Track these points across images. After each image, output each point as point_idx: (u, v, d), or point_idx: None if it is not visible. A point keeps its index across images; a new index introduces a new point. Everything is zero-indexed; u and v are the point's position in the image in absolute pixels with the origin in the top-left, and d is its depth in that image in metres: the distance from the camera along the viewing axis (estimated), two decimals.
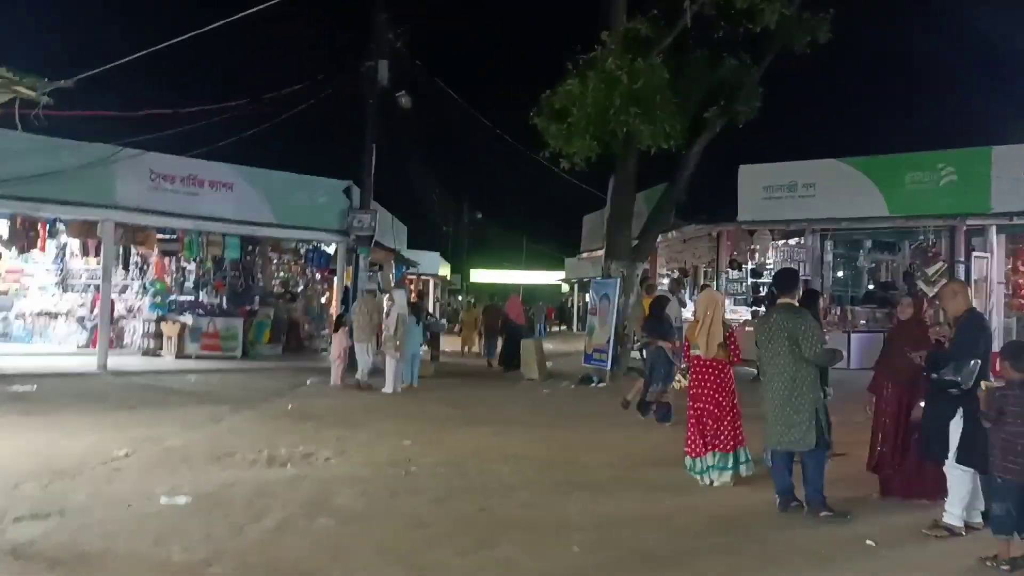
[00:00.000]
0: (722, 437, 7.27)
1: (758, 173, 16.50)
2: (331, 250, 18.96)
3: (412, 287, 28.21)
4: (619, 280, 15.76)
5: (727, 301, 17.74)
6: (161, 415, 10.66)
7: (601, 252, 23.98)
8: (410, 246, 30.48)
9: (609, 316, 15.75)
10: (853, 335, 16.37)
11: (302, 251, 19.81)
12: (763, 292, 17.48)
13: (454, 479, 7.35)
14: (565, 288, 50.78)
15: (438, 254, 39.81)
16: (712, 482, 7.25)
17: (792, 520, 6.22)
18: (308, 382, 14.98)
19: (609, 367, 15.51)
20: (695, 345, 7.49)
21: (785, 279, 6.95)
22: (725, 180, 16.74)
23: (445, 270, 42.76)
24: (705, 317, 7.38)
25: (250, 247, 19.24)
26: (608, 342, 15.64)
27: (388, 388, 13.99)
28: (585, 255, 25.96)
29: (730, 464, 7.26)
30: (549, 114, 15.35)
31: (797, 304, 6.75)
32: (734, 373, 7.51)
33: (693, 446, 7.41)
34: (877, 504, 6.73)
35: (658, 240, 17.50)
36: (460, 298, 41.80)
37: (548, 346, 21.22)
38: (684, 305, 17.41)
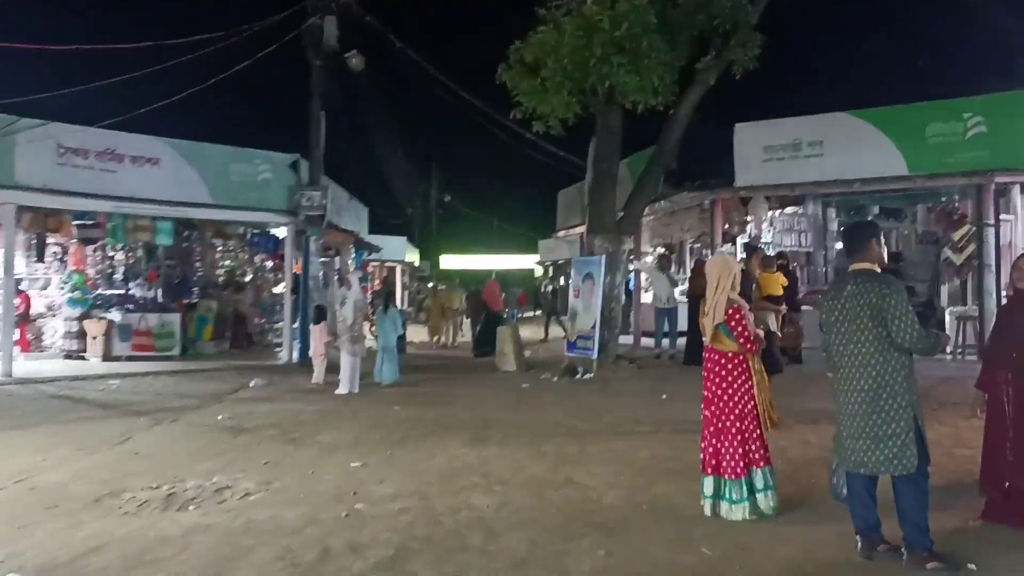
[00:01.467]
0: (727, 459, 5.44)
1: (757, 132, 14.64)
2: (281, 233, 16.88)
3: (376, 274, 26.18)
4: (604, 257, 13.91)
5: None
6: (59, 434, 8.67)
7: (578, 230, 22.14)
8: (373, 231, 28.43)
9: (594, 298, 13.90)
10: None
11: (247, 235, 17.64)
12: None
13: (415, 522, 5.42)
14: (539, 271, 48.97)
15: (404, 239, 37.69)
16: (721, 513, 5.44)
17: (886, 572, 4.43)
18: (252, 384, 13.02)
19: (596, 355, 13.68)
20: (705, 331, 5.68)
21: (859, 235, 5.03)
22: (719, 142, 14.88)
23: (413, 256, 40.62)
24: (715, 292, 5.55)
25: (186, 232, 17.09)
26: (594, 327, 13.81)
27: (343, 388, 12.16)
28: (562, 233, 24.00)
29: (744, 494, 5.38)
30: (520, 68, 13.44)
31: (879, 270, 4.90)
32: (754, 368, 5.58)
33: (702, 462, 5.63)
34: (983, 535, 4.96)
35: (644, 212, 15.58)
36: (430, 285, 39.84)
37: (524, 333, 19.40)
38: (675, 284, 15.66)
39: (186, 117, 15.46)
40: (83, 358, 15.46)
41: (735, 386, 5.47)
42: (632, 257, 16.42)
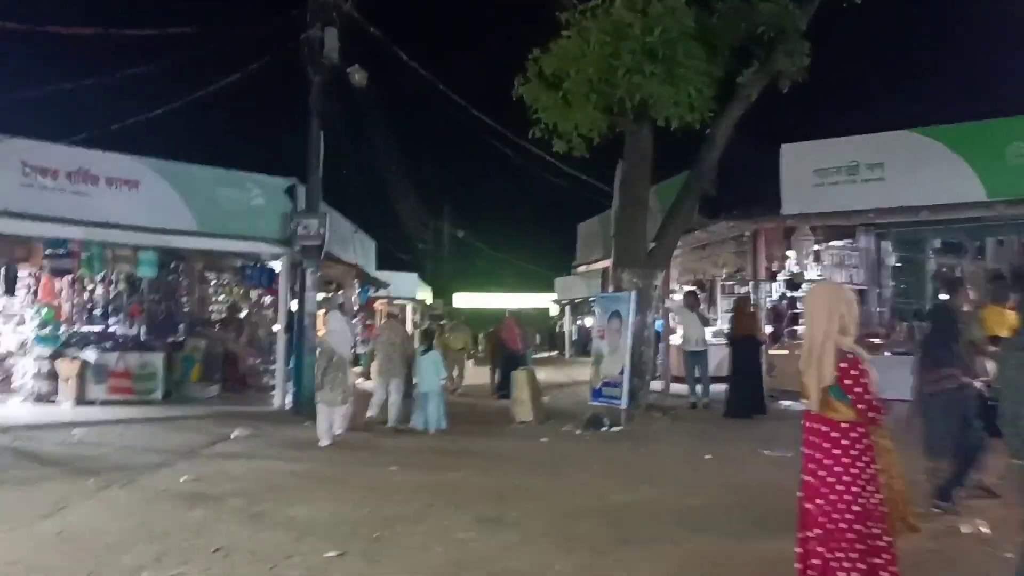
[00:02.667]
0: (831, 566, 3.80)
1: (807, 153, 13.08)
2: (277, 266, 15.39)
3: (383, 310, 24.65)
4: (633, 293, 12.33)
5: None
6: None
7: (600, 264, 20.58)
8: (381, 266, 27.01)
9: (622, 339, 12.30)
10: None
11: (238, 267, 16.16)
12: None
13: None
14: (555, 310, 47.37)
15: (415, 276, 36.23)
16: None
17: None
18: (234, 435, 11.43)
19: (624, 405, 12.04)
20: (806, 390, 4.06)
21: None
22: (762, 165, 13.33)
23: (424, 294, 39.11)
24: (819, 336, 3.93)
25: (173, 264, 15.64)
26: (622, 373, 12.18)
27: (325, 440, 10.71)
28: (581, 269, 22.38)
29: None
30: (539, 82, 12.02)
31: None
32: (880, 445, 3.89)
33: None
34: None
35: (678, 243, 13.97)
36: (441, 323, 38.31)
37: (541, 376, 17.78)
38: (707, 323, 13.95)
39: (170, 136, 14.18)
40: (53, 402, 13.92)
41: (853, 471, 3.83)
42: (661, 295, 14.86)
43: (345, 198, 21.34)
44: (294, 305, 14.56)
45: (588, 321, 41.77)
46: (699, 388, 13.56)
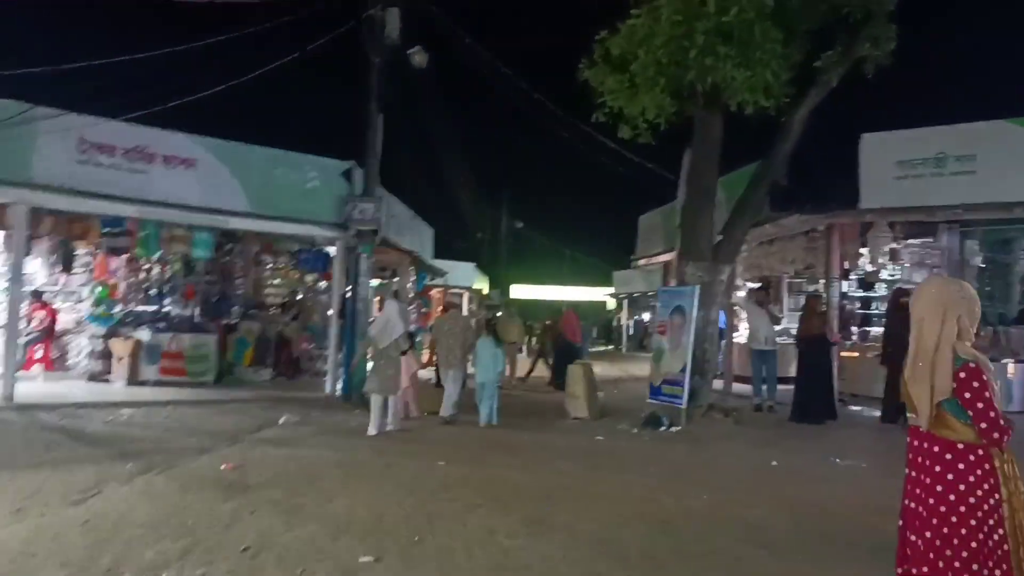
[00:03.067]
0: None
1: (889, 144, 12.26)
2: (333, 250, 15.15)
3: (440, 299, 24.40)
4: (697, 288, 11.72)
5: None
6: (15, 482, 6.92)
7: (661, 258, 19.94)
8: (438, 254, 26.74)
9: (684, 336, 11.71)
10: (1014, 365, 12.11)
11: (294, 250, 15.99)
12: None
13: None
14: (612, 304, 46.70)
15: (473, 265, 35.92)
16: None
17: None
18: (281, 421, 11.24)
19: (684, 405, 11.45)
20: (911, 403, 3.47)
21: None
22: (839, 156, 12.56)
23: (481, 283, 38.79)
24: (932, 342, 3.34)
25: (228, 245, 15.53)
26: (683, 371, 11.59)
27: (372, 429, 10.41)
28: (642, 262, 21.71)
29: None
30: (605, 65, 11.48)
31: None
32: (1004, 472, 3.33)
33: None
34: None
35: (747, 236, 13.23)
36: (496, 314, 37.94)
37: (595, 369, 17.27)
38: (777, 321, 13.22)
39: (226, 116, 13.97)
40: (107, 381, 13.93)
41: (970, 501, 3.23)
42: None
43: (403, 184, 21.06)
44: (350, 291, 14.29)
45: (646, 316, 41.10)
46: (765, 389, 12.88)
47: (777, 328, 12.93)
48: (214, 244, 14.26)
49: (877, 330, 14.37)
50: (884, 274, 14.50)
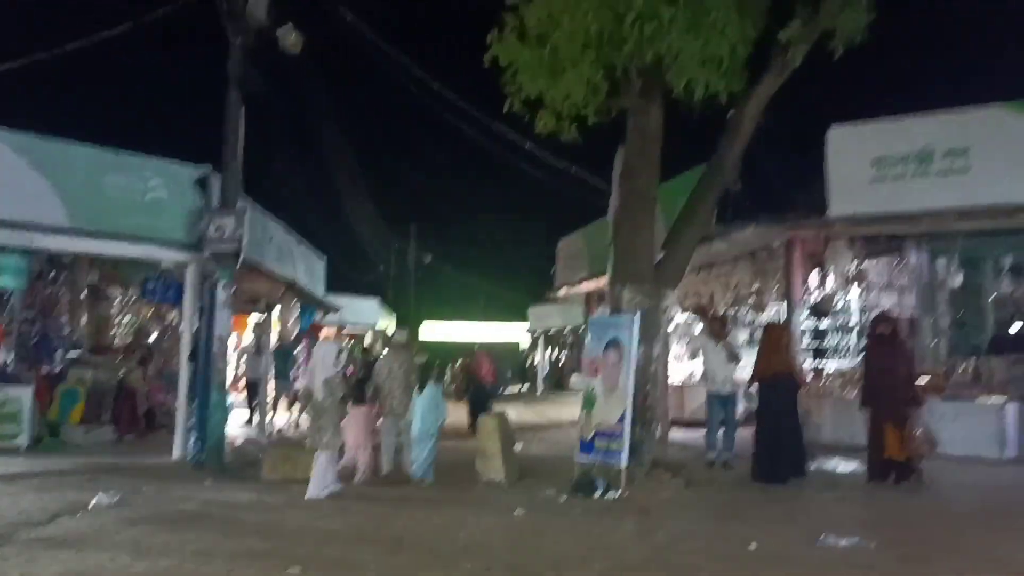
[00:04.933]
0: None
1: (863, 138, 10.25)
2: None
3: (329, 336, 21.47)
4: (636, 315, 9.38)
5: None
6: None
7: (584, 286, 17.65)
8: (336, 288, 23.95)
9: (622, 376, 9.33)
10: (1011, 405, 10.19)
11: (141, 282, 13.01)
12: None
13: None
14: (526, 342, 44.33)
15: (377, 301, 33.13)
16: None
17: None
18: (92, 504, 8.32)
19: (624, 464, 9.04)
20: None
21: None
22: (802, 155, 10.48)
23: (387, 321, 35.87)
24: None
25: (52, 272, 12.45)
26: (622, 419, 9.20)
27: (312, 491, 8.97)
28: (562, 292, 19.32)
29: None
30: (520, 38, 9.18)
31: None
32: None
33: None
34: None
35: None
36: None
37: (510, 414, 14.82)
38: (737, 359, 10.80)
39: (40, 105, 11.01)
40: None
41: None
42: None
43: (288, 206, 18.40)
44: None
45: (565, 354, 38.93)
46: (719, 440, 10.55)
47: (737, 365, 10.48)
48: (28, 271, 11.20)
49: (833, 365, 12.45)
50: (839, 299, 12.52)
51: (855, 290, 11.90)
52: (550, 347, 39.72)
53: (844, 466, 10.30)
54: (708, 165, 10.29)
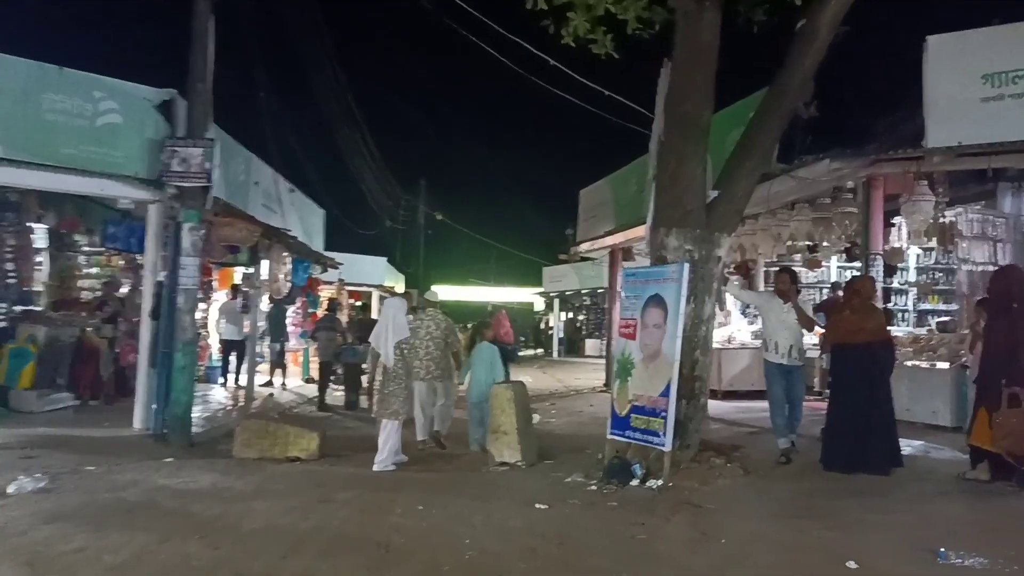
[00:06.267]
0: None
1: (969, 50, 8.28)
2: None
3: (340, 298, 19.86)
4: (686, 267, 7.62)
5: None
6: None
7: (609, 240, 15.85)
8: (341, 248, 22.28)
9: (667, 339, 7.59)
10: None
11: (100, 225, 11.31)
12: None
13: None
14: (540, 304, 42.72)
15: (384, 260, 31.39)
16: None
17: None
18: (12, 488, 6.74)
19: (668, 446, 7.35)
20: None
21: None
22: (890, 73, 8.59)
23: (395, 281, 34.16)
24: None
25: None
26: (665, 393, 7.48)
27: (381, 463, 8.39)
28: (584, 247, 17.39)
29: None
30: None
31: None
32: None
33: None
34: None
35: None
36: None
37: (525, 378, 13.25)
38: (810, 324, 8.75)
39: None
40: None
41: None
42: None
43: (292, 161, 16.75)
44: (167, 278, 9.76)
45: (582, 318, 37.30)
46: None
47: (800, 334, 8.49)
48: None
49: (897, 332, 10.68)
50: (912, 254, 10.70)
51: (935, 243, 10.06)
52: (566, 310, 38.08)
53: (932, 451, 8.54)
54: (771, 86, 8.43)
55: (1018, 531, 5.91)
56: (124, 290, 13.04)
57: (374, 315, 18.32)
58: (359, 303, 19.40)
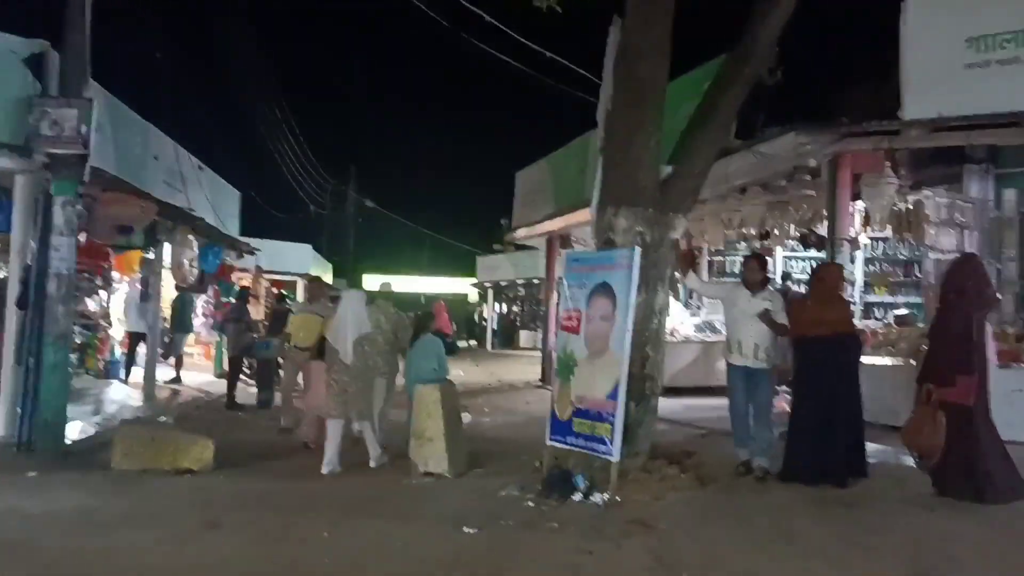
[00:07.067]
0: None
1: (954, 9, 7.52)
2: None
3: (256, 286, 18.44)
4: (636, 251, 6.67)
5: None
6: None
7: (547, 225, 14.85)
8: (259, 233, 20.90)
9: (615, 333, 6.66)
10: None
11: None
12: None
13: None
14: (474, 296, 41.69)
15: (309, 248, 29.86)
16: None
17: None
18: None
19: (616, 453, 6.41)
20: None
21: None
22: (863, 36, 7.77)
23: (322, 271, 32.58)
24: None
25: None
26: (613, 395, 6.54)
27: (329, 464, 7.58)
28: (520, 232, 16.31)
29: None
30: None
31: None
32: None
33: None
34: None
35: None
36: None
37: (457, 373, 12.24)
38: (783, 330, 7.58)
39: None
40: None
41: None
42: None
43: (204, 140, 15.42)
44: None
45: (516, 309, 36.48)
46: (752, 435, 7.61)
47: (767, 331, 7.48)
48: None
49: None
50: (864, 240, 10.01)
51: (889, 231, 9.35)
52: (500, 301, 37.14)
53: (904, 457, 7.77)
54: (732, 53, 7.54)
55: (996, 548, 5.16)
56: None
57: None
58: (281, 292, 18.09)
